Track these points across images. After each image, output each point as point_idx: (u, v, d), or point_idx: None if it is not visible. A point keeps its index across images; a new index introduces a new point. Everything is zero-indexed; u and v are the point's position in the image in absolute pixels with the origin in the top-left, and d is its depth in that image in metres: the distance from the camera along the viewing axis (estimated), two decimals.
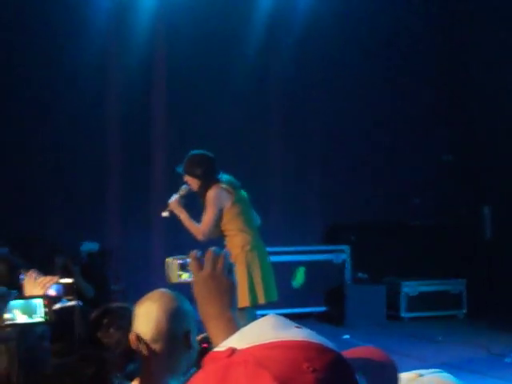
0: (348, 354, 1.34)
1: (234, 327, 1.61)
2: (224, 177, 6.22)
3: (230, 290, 1.71)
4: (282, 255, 9.64)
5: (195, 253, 1.74)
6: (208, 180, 6.14)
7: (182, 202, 6.17)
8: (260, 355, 1.04)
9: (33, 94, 9.17)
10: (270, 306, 9.50)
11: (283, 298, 9.50)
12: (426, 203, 10.75)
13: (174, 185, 6.28)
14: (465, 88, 10.67)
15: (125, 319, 2.75)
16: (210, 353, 1.11)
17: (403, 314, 9.85)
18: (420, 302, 9.89)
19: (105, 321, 2.80)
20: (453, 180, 10.81)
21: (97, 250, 8.81)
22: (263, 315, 1.19)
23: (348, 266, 9.99)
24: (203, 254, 1.72)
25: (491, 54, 10.23)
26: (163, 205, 6.33)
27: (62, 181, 9.24)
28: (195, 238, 6.13)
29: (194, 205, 6.24)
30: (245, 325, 1.16)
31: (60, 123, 9.25)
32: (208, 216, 6.11)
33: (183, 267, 1.84)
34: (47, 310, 2.64)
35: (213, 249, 1.74)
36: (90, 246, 8.65)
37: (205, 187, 6.14)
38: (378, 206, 10.55)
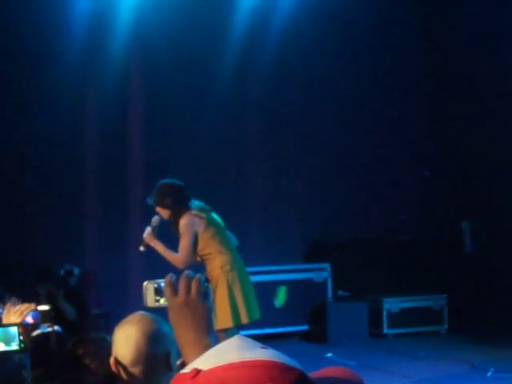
0: (316, 374, 1.34)
1: None
2: (194, 203, 6.26)
3: (206, 315, 1.69)
4: (263, 275, 9.63)
5: (169, 277, 1.72)
6: (178, 209, 6.20)
7: (156, 233, 6.24)
8: (223, 376, 1.04)
9: (5, 114, 9.14)
10: (252, 325, 9.48)
11: (265, 317, 9.48)
12: (408, 219, 10.78)
13: (153, 207, 6.28)
14: (448, 105, 10.74)
15: (101, 349, 2.74)
16: (176, 375, 1.11)
17: (385, 331, 9.86)
18: (402, 318, 9.90)
19: (80, 351, 2.79)
20: (433, 196, 10.86)
21: (78, 274, 8.76)
22: (247, 336, 1.19)
23: (329, 283, 10.00)
24: (178, 278, 1.71)
25: (475, 69, 10.31)
26: (142, 227, 6.33)
27: (40, 204, 9.19)
28: (175, 267, 6.15)
29: (168, 234, 6.25)
30: None
31: (37, 143, 9.21)
32: (184, 243, 6.16)
33: (159, 292, 1.83)
34: (22, 337, 2.63)
35: (187, 273, 1.72)
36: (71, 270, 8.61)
37: (176, 216, 6.19)
38: (358, 223, 10.57)
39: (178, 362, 2.64)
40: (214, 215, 6.31)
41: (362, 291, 9.99)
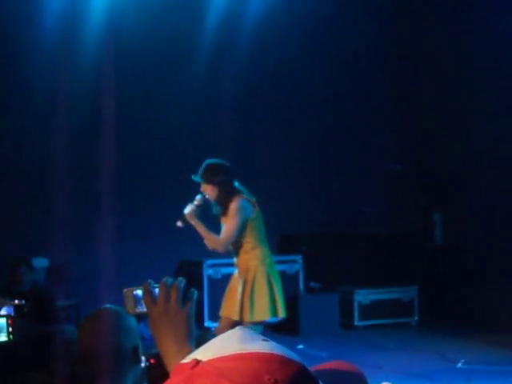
0: (317, 368, 1.33)
1: None
2: (241, 188, 6.12)
3: (187, 321, 1.66)
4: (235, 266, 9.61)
5: (147, 285, 1.70)
6: (227, 189, 6.03)
7: (198, 213, 6.05)
8: (223, 366, 1.03)
9: None
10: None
11: None
12: (378, 211, 10.83)
13: (123, 197, 6.24)
14: (417, 96, 10.78)
15: (68, 345, 2.74)
16: (177, 365, 1.10)
17: (356, 323, 9.89)
18: (373, 310, 9.95)
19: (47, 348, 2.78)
20: (404, 188, 10.90)
21: (47, 266, 8.70)
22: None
23: (301, 275, 10.01)
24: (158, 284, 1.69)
25: (442, 65, 10.36)
26: (114, 219, 6.26)
27: (9, 197, 9.11)
28: (214, 249, 6.04)
29: (204, 216, 6.10)
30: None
31: (5, 137, 9.13)
32: (231, 226, 5.97)
33: (138, 299, 1.80)
34: (11, 329, 2.62)
35: (165, 280, 1.69)
36: (40, 262, 8.54)
37: (223, 196, 6.01)
38: (330, 215, 10.60)
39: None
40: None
41: (334, 283, 10.02)
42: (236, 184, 6.12)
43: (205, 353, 1.08)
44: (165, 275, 1.84)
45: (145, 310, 1.73)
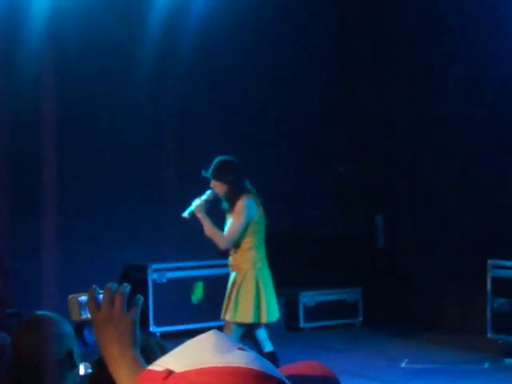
0: (288, 370, 1.31)
1: (137, 367, 1.58)
2: (250, 187, 6.15)
3: (131, 327, 1.66)
4: (180, 271, 9.59)
5: (92, 291, 1.70)
6: (237, 187, 6.08)
7: (206, 207, 6.05)
8: (196, 380, 1.01)
9: None
10: (170, 322, 9.44)
11: (183, 313, 9.48)
12: (322, 214, 10.89)
13: (66, 202, 6.16)
14: (360, 101, 10.86)
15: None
16: (146, 371, 1.07)
17: (302, 325, 9.94)
18: (318, 311, 10.00)
19: None
20: (347, 191, 10.98)
21: None
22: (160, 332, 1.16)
23: None
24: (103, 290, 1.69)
25: (386, 71, 10.46)
26: (57, 225, 6.19)
27: None
28: (217, 246, 6.14)
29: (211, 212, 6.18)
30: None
31: None
32: (236, 224, 6.06)
33: (83, 305, 1.80)
34: None
35: (109, 286, 1.69)
36: None
37: (233, 194, 6.06)
38: (275, 217, 10.60)
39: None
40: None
41: (279, 285, 10.03)
42: (246, 183, 6.15)
43: (178, 361, 1.04)
44: (109, 280, 1.84)
45: (90, 316, 1.73)
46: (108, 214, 9.53)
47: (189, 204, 6.46)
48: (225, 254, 10.29)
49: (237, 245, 6.21)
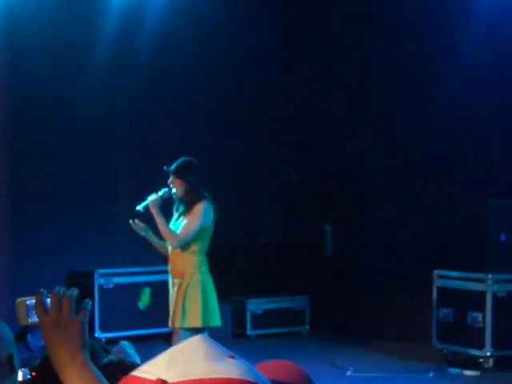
0: (263, 368, 1.28)
1: (87, 370, 1.58)
2: (207, 194, 6.18)
3: (80, 330, 1.65)
4: (127, 276, 9.52)
5: (40, 295, 1.68)
6: (196, 190, 6.09)
7: (160, 204, 6.06)
8: None
9: None
10: (116, 327, 9.35)
11: (129, 319, 9.40)
12: (272, 222, 10.90)
13: (13, 206, 6.08)
14: (310, 112, 10.91)
15: None
16: (134, 377, 1.04)
17: (249, 332, 9.94)
18: (265, 319, 10.01)
19: None
20: (296, 199, 11.02)
21: None
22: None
23: None
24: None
25: (335, 79, 10.54)
26: (2, 227, 6.10)
27: None
28: (168, 242, 6.09)
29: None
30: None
31: None
32: (191, 225, 6.07)
33: (30, 309, 1.77)
34: None
35: (57, 290, 1.68)
36: None
37: (192, 196, 6.07)
38: (224, 224, 10.57)
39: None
40: None
41: (227, 292, 10.02)
42: (203, 189, 6.24)
43: (169, 371, 1.01)
44: (56, 285, 1.81)
45: (37, 321, 1.70)
46: (55, 219, 9.41)
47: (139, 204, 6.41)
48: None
49: (182, 247, 6.17)
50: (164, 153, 10.38)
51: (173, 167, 6.15)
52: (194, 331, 6.15)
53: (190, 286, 6.12)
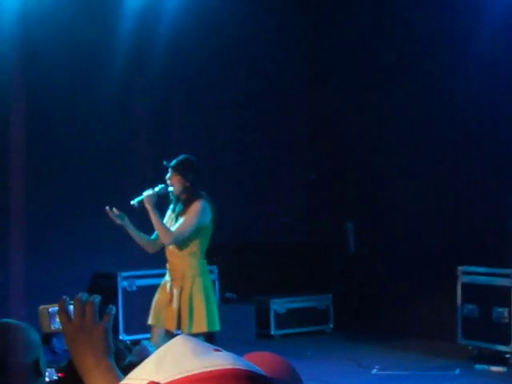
0: (249, 358, 1.26)
1: (113, 376, 1.57)
2: (206, 195, 6.09)
3: (104, 336, 1.65)
4: (150, 278, 9.51)
5: (63, 302, 1.67)
6: (195, 189, 6.00)
7: (155, 200, 5.98)
8: None
9: None
10: (142, 331, 9.34)
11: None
12: (291, 221, 10.88)
13: (33, 210, 6.07)
14: (329, 107, 10.89)
15: None
16: None
17: (273, 332, 9.92)
18: (289, 318, 9.99)
19: None
20: (318, 197, 10.99)
21: None
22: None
23: (217, 286, 9.97)
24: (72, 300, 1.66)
25: (354, 75, 10.51)
26: (24, 231, 6.11)
27: None
28: (162, 240, 6.00)
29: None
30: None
31: None
32: (187, 223, 5.94)
33: (53, 316, 1.76)
34: None
35: (79, 296, 1.67)
36: None
37: (190, 194, 5.99)
38: (245, 225, 10.59)
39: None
40: None
41: (250, 293, 10.02)
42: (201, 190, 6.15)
43: (159, 372, 1.00)
44: (79, 289, 1.81)
45: (60, 328, 1.70)
46: (76, 222, 9.43)
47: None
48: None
49: (180, 247, 6.08)
50: (179, 152, 10.38)
51: (173, 163, 6.07)
52: (200, 336, 6.08)
53: (194, 290, 5.97)
